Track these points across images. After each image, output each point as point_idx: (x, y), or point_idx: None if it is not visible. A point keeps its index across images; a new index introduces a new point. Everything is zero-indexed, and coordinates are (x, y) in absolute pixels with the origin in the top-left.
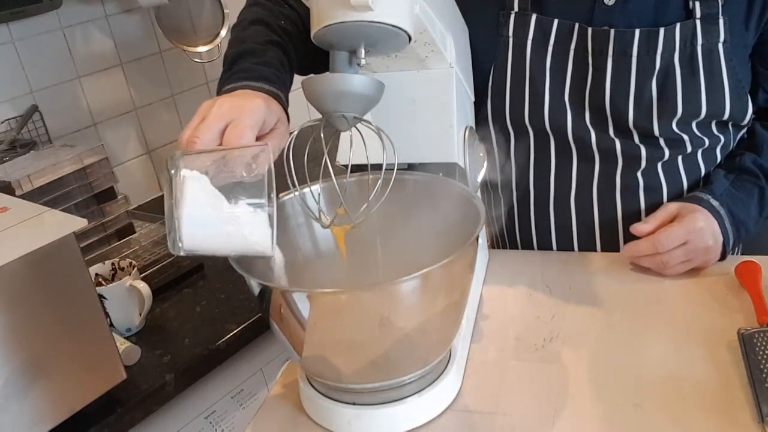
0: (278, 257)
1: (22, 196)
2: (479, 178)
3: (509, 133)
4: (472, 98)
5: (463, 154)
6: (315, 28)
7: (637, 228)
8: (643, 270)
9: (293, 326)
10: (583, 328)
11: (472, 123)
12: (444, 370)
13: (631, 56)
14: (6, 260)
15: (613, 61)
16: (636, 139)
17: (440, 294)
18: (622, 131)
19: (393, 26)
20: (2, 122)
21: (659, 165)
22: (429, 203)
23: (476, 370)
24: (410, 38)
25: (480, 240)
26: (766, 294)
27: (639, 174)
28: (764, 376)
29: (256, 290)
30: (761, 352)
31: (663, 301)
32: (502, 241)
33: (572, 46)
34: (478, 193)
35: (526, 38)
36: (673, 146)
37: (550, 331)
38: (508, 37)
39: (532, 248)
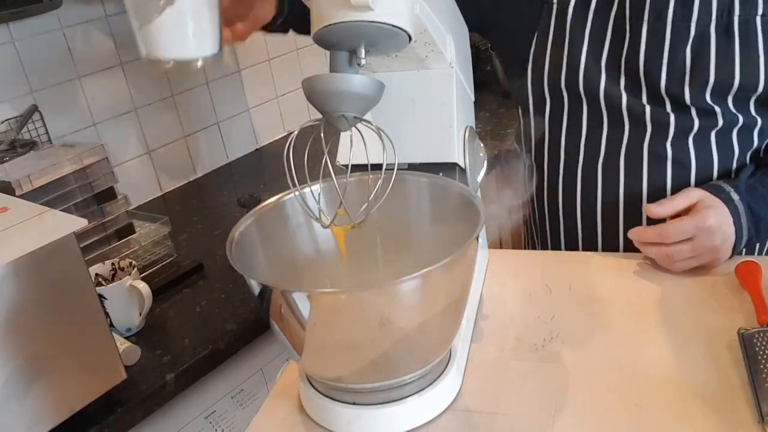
0: None
1: (22, 196)
2: (479, 178)
3: (545, 99)
4: (472, 98)
5: (463, 154)
6: (315, 27)
7: (650, 208)
8: (643, 270)
9: (293, 326)
10: (583, 328)
11: (473, 123)
12: (444, 370)
13: (665, 21)
14: (6, 260)
15: (648, 25)
16: (667, 107)
17: (440, 294)
18: (655, 97)
19: (393, 26)
20: (2, 122)
21: (690, 138)
22: (429, 203)
23: (476, 370)
24: (410, 38)
25: (480, 240)
26: (766, 294)
27: (668, 144)
28: (764, 376)
29: (256, 290)
30: (761, 352)
31: (663, 301)
32: (531, 208)
33: (612, 13)
34: (478, 193)
35: (568, 4)
36: (703, 117)
37: (550, 331)
38: (552, 3)
39: (558, 217)
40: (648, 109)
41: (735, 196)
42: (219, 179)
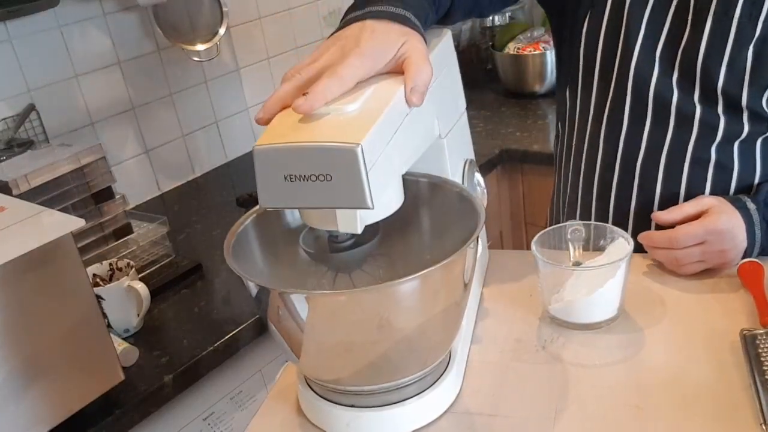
0: None
1: (20, 196)
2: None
3: (592, 87)
4: (463, 108)
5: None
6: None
7: (658, 215)
8: (645, 270)
9: (291, 328)
10: (584, 330)
11: (472, 155)
12: (444, 371)
13: (732, 18)
14: (3, 260)
15: (713, 21)
16: (719, 108)
17: (440, 295)
18: (708, 97)
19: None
20: None
21: (736, 144)
22: (429, 203)
23: (476, 372)
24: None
25: (480, 240)
26: None
27: (713, 148)
28: (767, 377)
29: (254, 291)
30: (764, 354)
31: (664, 301)
32: (564, 193)
33: (674, 2)
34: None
35: None
36: (755, 123)
37: (551, 332)
38: None
39: (590, 210)
40: (699, 109)
41: (751, 206)
42: (218, 179)
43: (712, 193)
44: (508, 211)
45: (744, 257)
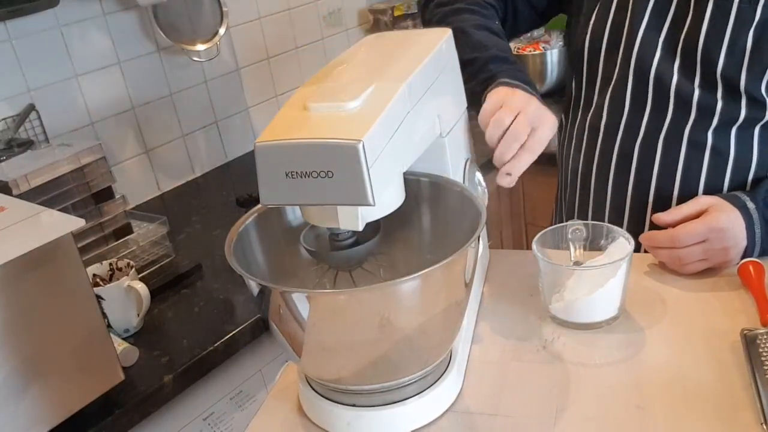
0: None
1: (20, 196)
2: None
3: (597, 73)
4: (464, 106)
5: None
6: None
7: (658, 217)
8: (645, 270)
9: (292, 327)
10: (584, 329)
11: (472, 154)
12: (445, 371)
13: (732, 1)
14: (3, 260)
15: (714, 4)
16: (718, 93)
17: (440, 294)
18: (707, 81)
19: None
20: None
21: (733, 129)
22: (429, 203)
23: (477, 371)
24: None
25: (481, 240)
26: None
27: (709, 132)
28: (767, 377)
29: (255, 291)
30: (765, 353)
31: (665, 301)
32: (564, 186)
33: None
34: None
35: None
36: (752, 108)
37: (552, 331)
38: None
39: (589, 192)
40: (697, 93)
41: (750, 205)
42: (218, 179)
43: (708, 178)
44: (508, 211)
45: (744, 257)
